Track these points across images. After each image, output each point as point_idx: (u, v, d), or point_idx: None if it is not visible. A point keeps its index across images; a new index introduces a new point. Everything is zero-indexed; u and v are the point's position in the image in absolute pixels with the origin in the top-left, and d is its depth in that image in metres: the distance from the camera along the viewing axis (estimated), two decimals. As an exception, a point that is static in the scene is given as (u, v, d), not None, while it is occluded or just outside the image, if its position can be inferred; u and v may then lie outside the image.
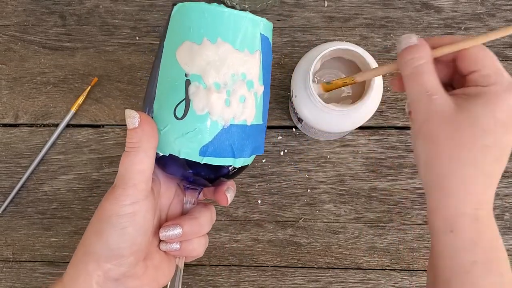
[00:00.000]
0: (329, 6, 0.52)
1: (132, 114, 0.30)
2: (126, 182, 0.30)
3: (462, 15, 0.52)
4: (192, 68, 0.30)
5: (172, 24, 0.32)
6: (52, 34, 0.53)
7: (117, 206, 0.30)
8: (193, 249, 0.35)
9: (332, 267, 0.51)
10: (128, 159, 0.30)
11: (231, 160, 0.32)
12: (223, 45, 0.30)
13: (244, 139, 0.32)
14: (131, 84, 0.52)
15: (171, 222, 0.34)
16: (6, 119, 0.52)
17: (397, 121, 0.51)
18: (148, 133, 0.30)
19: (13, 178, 0.52)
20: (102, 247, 0.30)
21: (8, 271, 0.52)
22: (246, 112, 0.32)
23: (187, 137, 0.30)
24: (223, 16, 0.30)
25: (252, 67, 0.32)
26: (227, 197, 0.35)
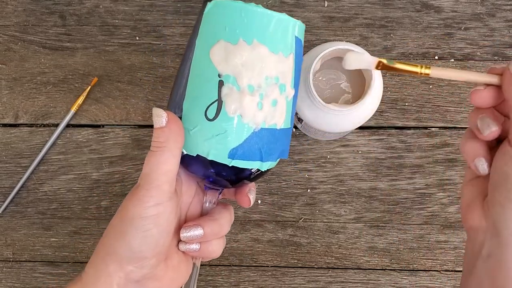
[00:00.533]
0: (329, 6, 0.52)
1: (159, 113, 0.29)
2: (150, 182, 0.29)
3: (462, 15, 0.52)
4: (226, 69, 0.29)
5: (205, 21, 0.31)
6: (52, 34, 0.53)
7: (140, 208, 0.29)
8: (212, 250, 0.34)
9: (332, 267, 0.51)
10: (154, 158, 0.29)
11: (259, 163, 0.31)
12: (258, 47, 0.29)
13: (273, 143, 0.31)
14: (131, 84, 0.52)
15: (192, 223, 0.33)
16: (6, 119, 0.52)
17: (397, 121, 0.51)
18: (175, 133, 0.29)
19: (13, 178, 0.52)
20: (125, 249, 0.29)
21: (8, 271, 0.52)
22: (277, 116, 0.31)
23: (217, 139, 0.30)
24: (260, 17, 0.30)
25: (285, 71, 0.31)
26: (250, 198, 0.35)
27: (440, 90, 0.51)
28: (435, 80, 0.51)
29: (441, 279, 0.51)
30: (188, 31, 0.53)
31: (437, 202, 0.51)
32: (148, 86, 0.52)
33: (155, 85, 0.52)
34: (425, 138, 0.51)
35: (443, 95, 0.52)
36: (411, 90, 0.52)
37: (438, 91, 0.52)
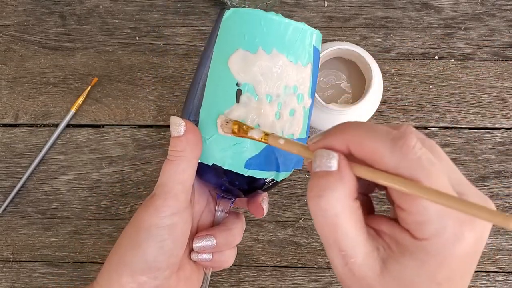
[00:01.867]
0: (329, 6, 0.52)
1: (178, 121, 0.29)
2: (167, 192, 0.29)
3: (462, 15, 0.52)
4: (244, 78, 0.29)
5: (223, 29, 0.30)
6: (52, 34, 0.53)
7: (156, 218, 0.28)
8: (224, 260, 0.34)
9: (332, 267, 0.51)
10: (171, 167, 0.29)
11: (274, 173, 0.31)
12: (278, 56, 0.29)
13: (290, 153, 0.31)
14: (131, 84, 0.52)
15: (204, 233, 0.33)
16: (6, 119, 0.52)
17: (397, 121, 0.51)
18: (192, 142, 0.29)
19: (13, 178, 0.52)
20: (139, 260, 0.29)
21: (8, 271, 0.52)
22: (294, 125, 0.31)
23: (234, 149, 0.29)
24: (280, 26, 0.29)
25: (303, 80, 0.31)
26: (264, 208, 0.34)
27: (440, 90, 0.51)
28: (435, 80, 0.51)
29: (441, 279, 0.50)
30: (188, 31, 0.53)
31: (437, 202, 0.51)
32: (148, 86, 0.52)
33: (155, 85, 0.52)
34: (425, 138, 0.51)
35: (443, 95, 0.52)
36: (411, 90, 0.52)
37: (438, 91, 0.51)
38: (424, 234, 0.20)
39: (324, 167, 0.22)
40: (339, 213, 0.21)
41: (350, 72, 0.44)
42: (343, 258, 0.22)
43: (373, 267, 0.21)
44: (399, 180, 0.20)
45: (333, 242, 0.21)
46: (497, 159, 0.51)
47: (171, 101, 0.52)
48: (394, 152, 0.20)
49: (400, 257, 0.21)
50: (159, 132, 0.52)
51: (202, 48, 0.53)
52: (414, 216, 0.21)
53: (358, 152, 0.22)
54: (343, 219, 0.21)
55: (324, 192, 0.21)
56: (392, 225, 0.22)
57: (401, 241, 0.21)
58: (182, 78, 0.52)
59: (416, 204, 0.20)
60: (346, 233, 0.21)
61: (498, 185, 0.51)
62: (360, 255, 0.21)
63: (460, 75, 0.52)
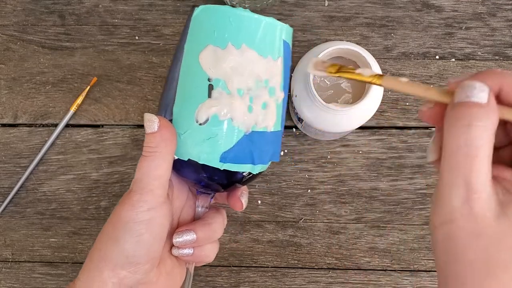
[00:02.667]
0: (329, 5, 0.52)
1: (151, 118, 0.29)
2: (143, 187, 0.29)
3: (462, 14, 0.52)
4: (216, 73, 0.30)
5: (193, 26, 0.31)
6: (51, 34, 0.53)
7: (134, 213, 0.29)
8: (205, 255, 0.34)
9: (332, 268, 0.51)
10: (146, 163, 0.29)
11: (250, 166, 0.31)
12: (247, 51, 0.30)
13: (264, 145, 0.32)
14: (131, 84, 0.52)
15: (184, 228, 0.33)
16: (5, 119, 0.52)
17: (398, 121, 0.51)
18: (167, 138, 0.29)
19: (12, 178, 0.52)
20: (118, 255, 0.29)
21: (7, 271, 0.52)
22: (268, 119, 0.31)
23: (208, 143, 0.30)
24: (248, 22, 0.30)
25: (274, 74, 0.31)
26: (242, 202, 0.35)
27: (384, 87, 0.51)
28: (436, 80, 0.51)
29: (442, 279, 0.50)
30: (187, 30, 0.53)
31: (438, 203, 0.51)
32: (147, 86, 0.52)
33: (155, 85, 0.52)
34: (426, 138, 0.51)
35: (444, 95, 0.51)
36: (412, 90, 0.51)
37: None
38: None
39: (475, 98, 0.22)
40: (483, 145, 0.21)
41: (351, 72, 0.44)
42: (467, 193, 0.21)
43: (492, 208, 0.22)
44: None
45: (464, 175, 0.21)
46: (498, 159, 0.51)
47: (170, 101, 0.52)
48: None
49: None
50: (159, 132, 0.52)
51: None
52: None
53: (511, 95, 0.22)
54: (484, 152, 0.21)
55: (475, 122, 0.21)
56: None
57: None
58: (182, 78, 0.52)
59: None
60: (481, 167, 0.21)
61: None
62: (485, 193, 0.21)
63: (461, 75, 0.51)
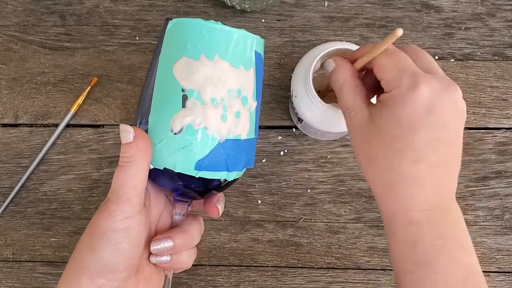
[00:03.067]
0: (329, 6, 0.52)
1: (126, 128, 0.30)
2: (120, 196, 0.30)
3: (462, 15, 0.52)
4: (189, 84, 0.30)
5: (167, 38, 0.32)
6: (52, 34, 0.53)
7: (111, 221, 0.30)
8: (183, 261, 0.35)
9: (332, 267, 0.51)
10: (122, 173, 0.30)
11: (225, 173, 0.32)
12: (220, 62, 0.31)
13: (238, 153, 0.33)
14: (131, 84, 0.52)
15: (162, 235, 0.34)
16: (6, 119, 0.52)
17: (397, 121, 0.51)
18: (142, 148, 0.30)
19: (13, 178, 0.52)
20: (96, 263, 0.29)
21: (8, 271, 0.52)
22: (241, 127, 0.32)
23: (183, 152, 0.31)
24: (220, 33, 0.31)
25: (247, 84, 0.32)
26: (219, 209, 0.36)
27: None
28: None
29: (441, 279, 0.50)
30: (188, 31, 0.53)
31: (437, 202, 0.51)
32: (148, 86, 0.52)
33: (155, 85, 0.52)
34: (425, 138, 0.51)
35: (443, 95, 0.51)
36: (411, 90, 0.52)
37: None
38: (390, 87, 0.30)
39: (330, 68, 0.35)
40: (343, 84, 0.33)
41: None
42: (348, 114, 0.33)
43: (365, 118, 0.31)
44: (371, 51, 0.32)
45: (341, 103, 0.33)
46: (497, 159, 0.51)
47: (171, 101, 0.52)
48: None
49: (379, 108, 0.31)
50: (159, 132, 0.52)
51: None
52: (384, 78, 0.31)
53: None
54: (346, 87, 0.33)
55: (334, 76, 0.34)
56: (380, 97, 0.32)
57: (382, 99, 0.31)
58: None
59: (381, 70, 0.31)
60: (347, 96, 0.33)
61: (498, 185, 0.51)
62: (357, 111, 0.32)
63: (460, 75, 0.52)
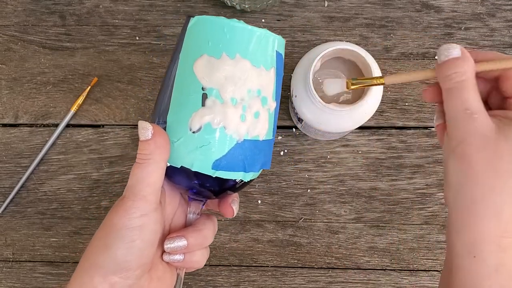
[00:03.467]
0: (329, 6, 0.52)
1: (145, 125, 0.30)
2: (136, 194, 0.30)
3: (462, 15, 0.52)
4: (209, 82, 0.30)
5: (189, 36, 0.32)
6: (52, 34, 0.53)
7: (126, 219, 0.29)
8: (196, 261, 0.34)
9: (332, 267, 0.51)
10: (139, 170, 0.30)
11: (242, 174, 0.32)
12: (241, 61, 0.30)
13: (256, 154, 0.32)
14: (131, 84, 0.52)
15: (176, 234, 0.33)
16: (6, 119, 0.52)
17: (397, 121, 0.51)
18: (160, 145, 0.30)
19: (13, 178, 0.52)
20: (110, 260, 0.29)
21: (8, 271, 0.52)
22: (260, 127, 0.32)
23: (201, 151, 0.30)
24: (242, 32, 0.31)
25: (267, 84, 0.32)
26: (233, 209, 0.35)
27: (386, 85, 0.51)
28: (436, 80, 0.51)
29: (441, 279, 0.51)
30: (188, 31, 0.53)
31: (437, 202, 0.51)
32: (148, 86, 0.52)
33: (155, 85, 0.52)
34: (425, 138, 0.51)
35: (443, 95, 0.51)
36: (411, 90, 0.52)
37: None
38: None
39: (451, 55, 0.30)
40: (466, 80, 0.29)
41: (350, 72, 0.44)
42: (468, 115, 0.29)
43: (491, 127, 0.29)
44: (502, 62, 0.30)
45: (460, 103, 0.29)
46: (497, 159, 0.51)
47: (171, 101, 0.52)
48: None
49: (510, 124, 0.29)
50: (159, 132, 0.52)
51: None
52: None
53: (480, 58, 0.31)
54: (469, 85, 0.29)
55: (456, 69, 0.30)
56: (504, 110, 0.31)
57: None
58: (182, 78, 0.52)
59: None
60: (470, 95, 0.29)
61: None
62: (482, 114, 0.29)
63: (460, 75, 0.52)
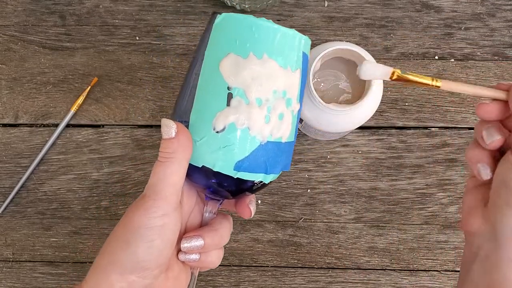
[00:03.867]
0: (329, 6, 0.52)
1: (168, 123, 0.29)
2: (157, 193, 0.29)
3: (462, 15, 0.52)
4: (235, 82, 0.30)
5: (215, 33, 0.31)
6: (52, 34, 0.53)
7: (146, 218, 0.29)
8: (211, 260, 0.34)
9: (332, 267, 0.51)
10: (161, 169, 0.29)
11: (262, 176, 0.32)
12: (268, 62, 0.30)
13: (278, 156, 0.32)
14: (131, 84, 0.52)
15: (193, 233, 0.33)
16: (6, 119, 0.52)
17: (397, 121, 0.51)
18: (183, 144, 0.29)
19: (13, 178, 0.52)
20: (128, 259, 0.29)
21: (8, 271, 0.52)
22: (283, 129, 0.31)
23: (224, 151, 0.30)
24: (271, 32, 0.30)
25: (292, 85, 0.31)
26: (251, 210, 0.35)
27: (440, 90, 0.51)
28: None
29: (441, 279, 0.51)
30: (188, 31, 0.53)
31: (437, 202, 0.51)
32: (148, 86, 0.52)
33: (155, 85, 0.52)
34: (425, 138, 0.51)
35: (443, 95, 0.51)
36: (411, 90, 0.52)
37: (438, 91, 0.51)
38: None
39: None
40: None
41: (350, 72, 0.44)
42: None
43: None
44: None
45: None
46: (497, 159, 0.51)
47: (171, 101, 0.52)
48: None
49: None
50: (159, 132, 0.52)
51: (202, 48, 0.53)
52: None
53: None
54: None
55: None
56: None
57: None
58: (182, 78, 0.52)
59: None
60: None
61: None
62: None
63: (460, 75, 0.52)
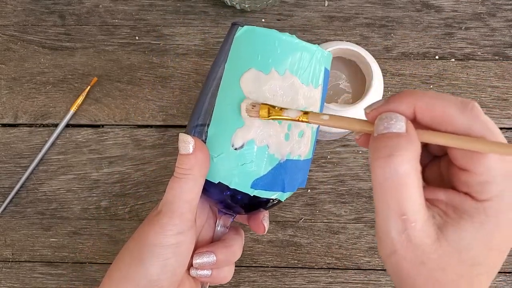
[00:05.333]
0: (329, 5, 0.52)
1: (186, 139, 0.28)
2: (173, 210, 0.28)
3: (462, 14, 0.52)
4: (256, 98, 0.28)
5: (236, 46, 0.30)
6: (51, 34, 0.53)
7: (162, 236, 0.28)
8: (223, 276, 0.34)
9: (332, 268, 0.51)
10: (177, 185, 0.29)
11: (279, 194, 0.31)
12: (290, 78, 0.29)
13: (295, 174, 0.31)
14: (131, 84, 0.52)
15: (205, 249, 0.33)
16: (6, 119, 0.52)
17: (398, 121, 0.51)
18: (201, 161, 0.28)
19: (13, 178, 0.52)
20: (141, 276, 0.28)
21: (7, 271, 0.52)
22: (302, 147, 0.31)
23: (241, 168, 0.29)
24: (294, 48, 0.29)
25: (314, 102, 0.30)
26: (265, 226, 0.34)
27: (441, 90, 0.51)
28: (436, 80, 0.51)
29: (442, 279, 0.50)
30: (188, 30, 0.53)
31: (437, 202, 0.51)
32: (147, 86, 0.52)
33: (155, 85, 0.52)
34: (426, 138, 0.51)
35: (443, 95, 0.51)
36: (412, 90, 0.51)
37: (439, 91, 0.51)
38: (487, 195, 0.21)
39: (392, 128, 0.22)
40: (408, 174, 0.21)
41: (350, 72, 0.44)
42: (403, 223, 0.21)
43: (430, 233, 0.21)
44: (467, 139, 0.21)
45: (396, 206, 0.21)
46: (497, 159, 0.51)
47: (171, 101, 0.52)
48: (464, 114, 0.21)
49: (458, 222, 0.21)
50: (159, 132, 0.52)
51: (202, 48, 0.53)
52: (479, 176, 0.21)
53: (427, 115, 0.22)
54: (411, 180, 0.21)
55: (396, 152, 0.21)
56: (449, 192, 0.23)
57: (460, 206, 0.22)
58: (182, 78, 0.52)
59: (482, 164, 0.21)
60: (411, 195, 0.21)
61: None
62: (420, 220, 0.21)
63: (461, 75, 0.52)
